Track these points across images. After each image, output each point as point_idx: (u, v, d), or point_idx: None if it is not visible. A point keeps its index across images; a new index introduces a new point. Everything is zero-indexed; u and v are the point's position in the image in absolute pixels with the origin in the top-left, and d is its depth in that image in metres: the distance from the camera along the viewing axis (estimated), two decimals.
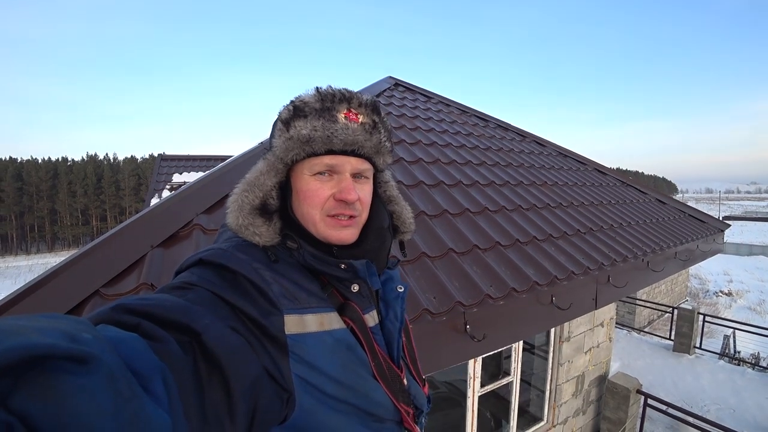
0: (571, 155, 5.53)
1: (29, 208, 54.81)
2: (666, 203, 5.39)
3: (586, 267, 2.72)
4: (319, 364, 0.62)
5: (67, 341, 0.33)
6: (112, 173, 60.41)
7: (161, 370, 0.42)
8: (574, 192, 4.19)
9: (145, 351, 0.42)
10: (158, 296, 0.54)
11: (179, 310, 0.51)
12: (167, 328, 0.49)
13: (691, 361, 6.77)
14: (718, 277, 19.96)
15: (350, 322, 0.69)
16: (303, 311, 0.64)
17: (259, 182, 0.73)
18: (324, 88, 0.72)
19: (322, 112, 0.69)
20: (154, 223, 1.77)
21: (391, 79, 5.00)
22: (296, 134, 0.69)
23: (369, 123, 0.72)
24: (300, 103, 0.71)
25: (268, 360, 0.57)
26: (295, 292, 0.65)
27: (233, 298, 0.58)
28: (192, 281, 0.60)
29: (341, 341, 0.66)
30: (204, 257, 0.64)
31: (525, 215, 3.14)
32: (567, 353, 3.87)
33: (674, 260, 3.91)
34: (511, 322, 2.17)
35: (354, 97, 0.72)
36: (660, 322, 11.52)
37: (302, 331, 0.62)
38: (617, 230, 3.66)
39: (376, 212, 0.80)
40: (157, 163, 10.33)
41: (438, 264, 2.18)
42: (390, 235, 0.83)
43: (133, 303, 0.50)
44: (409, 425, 0.75)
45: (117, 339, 0.41)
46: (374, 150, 0.74)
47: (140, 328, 0.46)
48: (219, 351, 0.50)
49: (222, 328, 0.53)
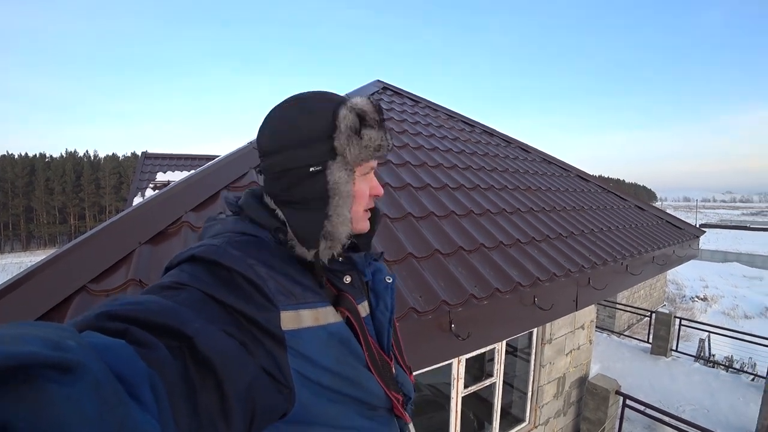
0: (554, 161, 5.65)
1: (3, 205, 53.10)
2: (645, 210, 5.55)
3: (567, 269, 2.79)
4: (315, 358, 0.63)
5: (51, 349, 0.32)
6: (92, 171, 59.03)
7: (149, 377, 0.41)
8: (557, 197, 4.29)
9: (133, 357, 0.41)
10: (146, 299, 0.52)
11: (168, 314, 0.50)
12: (156, 332, 0.47)
13: (668, 364, 6.97)
14: (694, 283, 20.50)
15: (348, 313, 0.71)
16: (298, 307, 0.64)
17: (348, 190, 0.74)
18: (375, 101, 0.78)
19: (381, 123, 0.76)
20: (143, 219, 1.76)
21: (380, 82, 5.03)
22: (370, 143, 0.73)
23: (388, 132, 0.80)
24: (362, 111, 0.73)
25: (266, 358, 0.57)
26: (291, 288, 0.65)
27: (227, 297, 0.57)
28: (183, 281, 0.58)
29: (334, 335, 0.68)
30: (197, 253, 0.63)
31: (509, 219, 3.21)
32: (549, 355, 3.94)
33: (652, 264, 4.03)
34: (494, 322, 2.22)
35: (383, 109, 0.80)
36: (639, 326, 11.79)
37: (298, 326, 0.63)
38: (598, 235, 3.76)
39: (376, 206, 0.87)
40: (140, 161, 10.10)
41: (424, 264, 2.22)
42: None
43: (119, 308, 0.48)
44: (399, 412, 0.78)
45: (103, 346, 0.39)
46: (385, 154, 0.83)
47: (128, 333, 0.44)
48: (211, 355, 0.49)
49: (214, 331, 0.52)
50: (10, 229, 54.22)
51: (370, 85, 4.83)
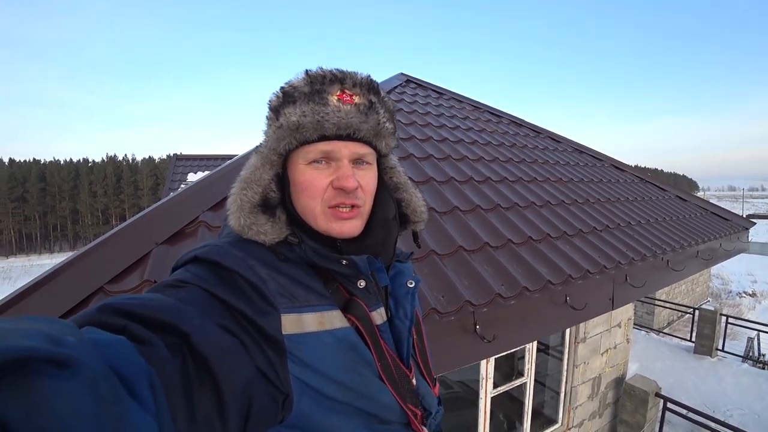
0: (587, 151, 5.39)
1: (52, 208, 56.53)
2: (687, 200, 5.21)
3: (602, 266, 2.63)
4: (318, 366, 0.59)
5: (49, 344, 0.32)
6: (131, 173, 61.93)
7: (148, 374, 0.40)
8: (589, 188, 4.07)
9: (132, 354, 0.40)
10: (146, 296, 0.52)
11: (167, 310, 0.49)
12: (155, 329, 0.47)
13: (713, 364, 6.55)
14: (741, 278, 19.33)
15: (355, 320, 0.65)
16: (301, 310, 0.61)
17: (256, 177, 0.69)
18: (314, 70, 0.67)
19: (311, 95, 0.64)
20: (160, 220, 1.76)
21: (403, 75, 4.94)
22: (286, 122, 0.65)
23: (365, 103, 0.67)
24: (289, 88, 0.67)
25: (264, 361, 0.54)
26: (293, 290, 0.62)
27: (228, 296, 0.56)
28: (185, 279, 0.58)
29: (343, 341, 0.63)
30: (198, 254, 0.62)
31: (538, 212, 3.06)
32: (583, 354, 3.76)
33: (696, 259, 3.77)
34: (523, 323, 2.10)
35: (347, 76, 0.67)
36: (680, 323, 11.20)
37: (300, 330, 0.59)
38: (635, 228, 3.54)
39: (381, 201, 0.74)
40: (172, 163, 10.48)
41: (447, 262, 2.12)
42: (397, 226, 0.77)
43: (120, 303, 0.48)
44: (416, 427, 0.70)
45: (102, 342, 0.39)
46: (373, 132, 0.69)
47: (127, 330, 0.44)
48: (208, 352, 0.48)
49: (212, 328, 0.51)
50: (58, 230, 57.70)
51: (393, 79, 4.75)
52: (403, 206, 0.82)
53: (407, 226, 0.84)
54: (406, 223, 0.83)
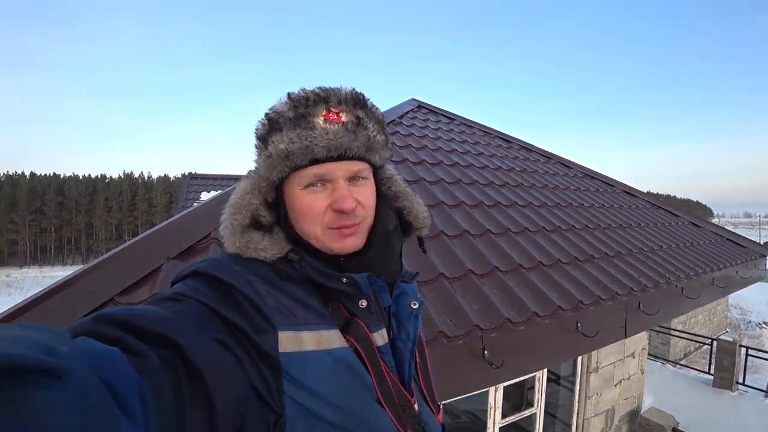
0: (597, 176, 5.37)
1: (68, 222, 57.71)
2: (701, 226, 5.13)
3: (614, 292, 2.58)
4: (315, 387, 0.58)
5: (42, 353, 0.32)
6: (145, 191, 63.16)
7: (140, 387, 0.40)
8: (601, 214, 4.04)
9: (124, 366, 0.40)
10: (143, 308, 0.52)
11: (163, 323, 0.49)
12: (149, 341, 0.46)
13: (734, 398, 6.28)
14: (761, 307, 18.68)
15: (354, 341, 0.64)
16: (299, 328, 0.60)
17: (245, 202, 0.70)
18: (296, 93, 0.66)
19: (296, 120, 0.64)
20: (172, 235, 1.80)
21: (414, 101, 5.03)
22: (275, 150, 0.64)
23: (352, 120, 0.66)
24: (273, 114, 0.66)
25: (258, 378, 0.54)
26: (292, 307, 0.61)
27: (226, 311, 0.56)
28: (184, 292, 0.57)
29: (342, 361, 0.61)
30: (198, 268, 0.62)
31: (549, 237, 3.04)
32: (595, 385, 3.65)
33: (711, 287, 3.68)
34: (532, 349, 2.06)
35: (331, 94, 0.66)
36: (697, 355, 10.82)
37: (298, 349, 0.58)
38: (648, 254, 3.49)
39: (380, 213, 0.72)
40: (186, 182, 10.70)
41: (456, 285, 2.11)
42: (399, 237, 0.76)
43: (116, 313, 0.48)
44: None
45: (96, 352, 0.39)
46: (364, 148, 0.67)
47: (121, 341, 0.44)
48: (202, 366, 0.47)
49: (207, 342, 0.51)
50: (72, 244, 58.70)
51: (404, 104, 4.84)
52: (405, 214, 0.81)
53: (411, 234, 0.83)
54: (410, 231, 0.82)
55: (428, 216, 0.84)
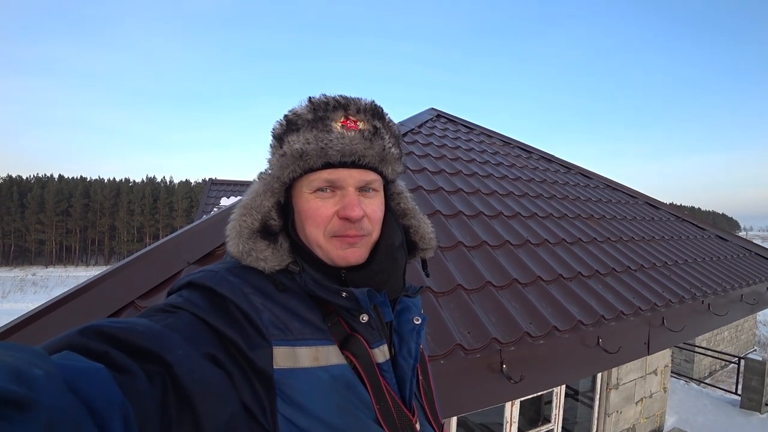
0: (619, 188, 5.27)
1: (92, 224, 59.43)
2: (728, 240, 4.96)
3: (637, 307, 2.52)
4: (310, 406, 0.56)
5: (10, 381, 0.30)
6: (167, 195, 64.59)
7: (122, 407, 0.38)
8: (623, 226, 3.96)
9: (108, 384, 0.39)
10: (132, 320, 0.50)
11: (153, 337, 0.47)
12: (137, 356, 0.45)
13: (764, 421, 6.01)
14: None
15: (352, 357, 0.62)
16: (294, 343, 0.58)
17: (256, 203, 0.69)
18: (317, 97, 0.67)
19: (315, 122, 0.64)
20: (193, 240, 1.84)
21: (434, 110, 5.04)
22: (289, 149, 0.64)
23: (369, 129, 0.66)
24: (292, 115, 0.67)
25: (251, 396, 0.53)
26: (288, 322, 0.60)
27: (220, 324, 0.54)
28: (177, 304, 0.56)
29: (339, 379, 0.59)
30: (193, 279, 0.61)
31: (569, 249, 2.99)
32: (615, 402, 3.55)
33: (740, 303, 3.55)
34: (552, 364, 2.02)
35: (351, 102, 0.66)
36: (723, 374, 10.41)
37: (293, 365, 0.57)
38: (672, 268, 3.39)
39: (387, 228, 0.71)
40: (207, 187, 10.94)
41: (474, 297, 2.09)
42: (404, 254, 0.74)
43: (104, 326, 0.46)
44: None
45: (78, 370, 0.38)
46: (378, 158, 0.67)
47: (107, 356, 0.43)
48: (191, 385, 0.46)
49: (198, 358, 0.49)
50: (96, 245, 60.41)
51: (423, 113, 4.86)
52: (411, 233, 0.80)
53: (416, 254, 0.81)
54: (415, 250, 0.80)
55: (434, 237, 0.83)
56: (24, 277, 39.88)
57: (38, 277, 39.96)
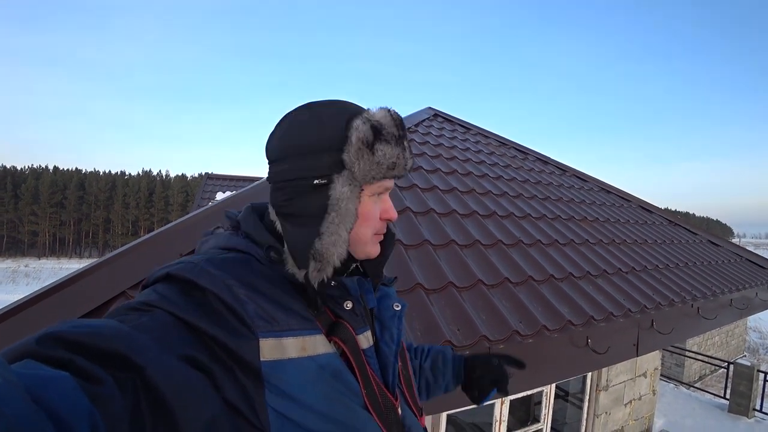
0: (613, 191, 5.30)
1: (87, 216, 59.11)
2: (720, 245, 5.01)
3: (627, 309, 2.53)
4: (300, 396, 0.56)
5: None
6: (163, 189, 64.28)
7: (90, 416, 0.36)
8: (616, 229, 3.98)
9: (73, 393, 0.36)
10: (97, 322, 0.47)
11: (121, 340, 0.45)
12: (105, 362, 0.42)
13: (751, 426, 6.08)
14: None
15: (341, 343, 0.63)
16: (281, 334, 0.58)
17: (350, 213, 0.66)
18: (394, 111, 0.70)
19: (399, 139, 0.68)
20: (186, 233, 1.83)
21: (431, 109, 5.04)
22: (384, 160, 0.66)
23: (410, 147, 0.73)
24: (377, 124, 0.66)
25: (236, 392, 0.52)
26: (273, 313, 0.59)
27: (199, 320, 0.52)
28: (151, 301, 0.54)
29: (326, 368, 0.60)
30: (171, 272, 0.58)
31: (561, 250, 3.00)
32: (604, 404, 3.57)
33: (729, 308, 3.58)
34: (541, 363, 2.03)
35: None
36: (713, 378, 10.51)
37: (281, 357, 0.56)
38: (663, 271, 3.41)
39: None
40: (203, 182, 10.89)
41: (465, 295, 2.10)
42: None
43: (64, 331, 0.43)
44: None
45: (40, 378, 0.36)
46: None
47: (73, 363, 0.40)
48: (165, 389, 0.44)
49: (171, 360, 0.47)
50: (90, 237, 60.10)
51: (421, 112, 4.85)
52: None
53: None
54: None
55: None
56: (16, 268, 39.60)
57: (31, 268, 39.67)
